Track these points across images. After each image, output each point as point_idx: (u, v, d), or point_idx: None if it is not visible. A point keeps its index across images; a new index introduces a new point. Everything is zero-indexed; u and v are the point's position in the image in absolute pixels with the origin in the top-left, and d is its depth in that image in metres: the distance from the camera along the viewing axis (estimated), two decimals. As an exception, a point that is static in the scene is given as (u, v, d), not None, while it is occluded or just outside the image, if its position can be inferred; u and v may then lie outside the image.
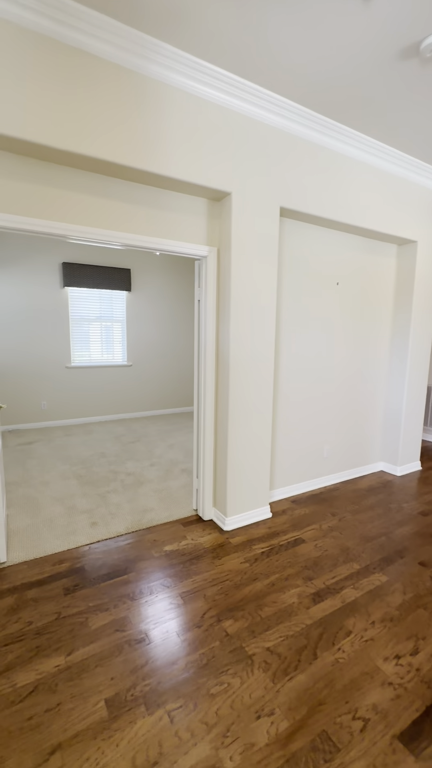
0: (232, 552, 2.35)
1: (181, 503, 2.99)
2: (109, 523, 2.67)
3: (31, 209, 1.92)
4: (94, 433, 4.97)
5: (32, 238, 4.88)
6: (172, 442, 4.62)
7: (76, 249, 5.19)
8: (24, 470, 3.63)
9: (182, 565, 2.21)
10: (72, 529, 2.58)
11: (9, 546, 2.36)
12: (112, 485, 3.32)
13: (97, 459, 3.98)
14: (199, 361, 2.66)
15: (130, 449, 4.34)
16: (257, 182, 2.39)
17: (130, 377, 5.83)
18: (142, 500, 3.04)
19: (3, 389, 4.95)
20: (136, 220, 2.21)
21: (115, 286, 5.46)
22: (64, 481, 3.39)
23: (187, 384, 6.37)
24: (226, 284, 2.45)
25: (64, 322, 5.23)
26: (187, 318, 6.23)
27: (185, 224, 2.37)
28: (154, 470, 3.69)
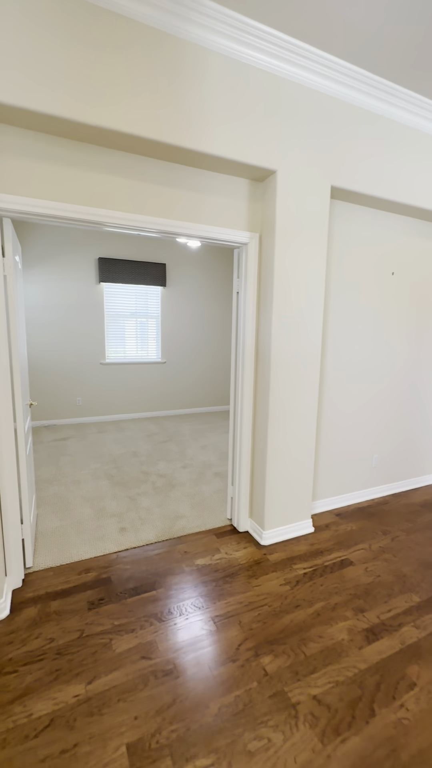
0: (270, 571, 2.12)
1: (214, 511, 2.80)
2: (139, 530, 2.52)
3: (61, 194, 1.78)
4: (126, 431, 4.90)
5: (70, 232, 4.87)
6: (205, 443, 4.44)
7: (112, 244, 5.13)
8: (57, 468, 3.59)
9: (215, 582, 2.01)
10: (100, 533, 2.46)
11: (36, 549, 2.27)
12: (142, 487, 3.19)
13: (129, 458, 3.88)
14: (237, 358, 2.44)
15: (162, 449, 4.21)
16: (306, 158, 2.12)
17: (163, 374, 5.72)
18: (173, 505, 2.87)
19: (41, 384, 4.99)
20: (172, 205, 2.02)
21: (150, 281, 5.36)
22: (95, 481, 3.30)
23: (221, 382, 6.18)
24: (268, 274, 2.21)
25: (99, 318, 5.20)
26: (223, 314, 6.02)
27: (224, 208, 2.15)
28: (186, 473, 3.52)
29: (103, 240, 5.06)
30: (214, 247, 5.75)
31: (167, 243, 5.43)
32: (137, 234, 2.03)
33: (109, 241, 5.10)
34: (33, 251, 4.72)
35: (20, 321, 2.17)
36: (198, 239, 2.15)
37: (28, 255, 4.70)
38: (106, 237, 5.07)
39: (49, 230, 4.76)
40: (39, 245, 4.74)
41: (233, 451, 2.57)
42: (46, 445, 4.25)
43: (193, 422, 5.42)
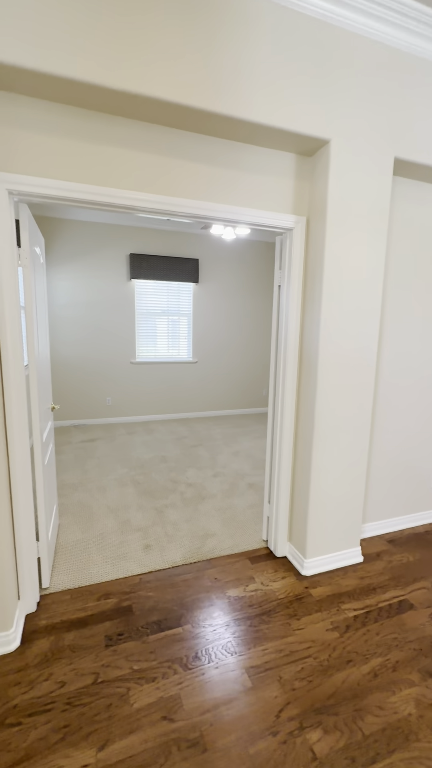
0: (314, 610, 1.81)
1: (247, 529, 2.52)
2: (165, 548, 2.29)
3: (80, 173, 1.56)
4: (155, 433, 4.72)
5: (101, 228, 4.74)
6: (238, 449, 4.17)
7: (144, 239, 4.95)
8: (83, 472, 3.45)
9: (250, 621, 1.74)
10: (123, 551, 2.25)
11: (55, 566, 2.10)
12: (170, 497, 2.97)
13: (157, 464, 3.68)
14: (277, 359, 2.15)
15: (192, 454, 3.98)
16: (366, 126, 1.79)
17: (194, 374, 5.50)
18: (203, 520, 2.62)
19: (71, 383, 4.91)
20: (206, 184, 1.75)
21: (182, 277, 5.14)
22: (121, 488, 3.11)
23: (255, 384, 5.87)
24: (316, 263, 1.90)
25: (129, 315, 5.05)
26: (258, 311, 5.71)
27: (266, 188, 1.86)
28: (217, 482, 3.27)
29: (134, 235, 4.90)
30: (250, 241, 5.45)
31: (200, 237, 5.19)
32: (167, 218, 1.79)
33: (140, 236, 4.93)
34: (63, 248, 4.63)
35: (41, 318, 2.00)
36: (235, 224, 1.88)
37: (59, 252, 4.62)
38: (137, 232, 4.91)
39: (79, 226, 4.66)
40: (70, 242, 4.64)
41: (271, 464, 2.28)
42: (75, 446, 4.14)
43: (224, 425, 5.16)
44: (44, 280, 2.18)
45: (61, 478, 3.29)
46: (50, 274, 4.63)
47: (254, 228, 1.93)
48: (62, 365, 4.85)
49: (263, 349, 5.84)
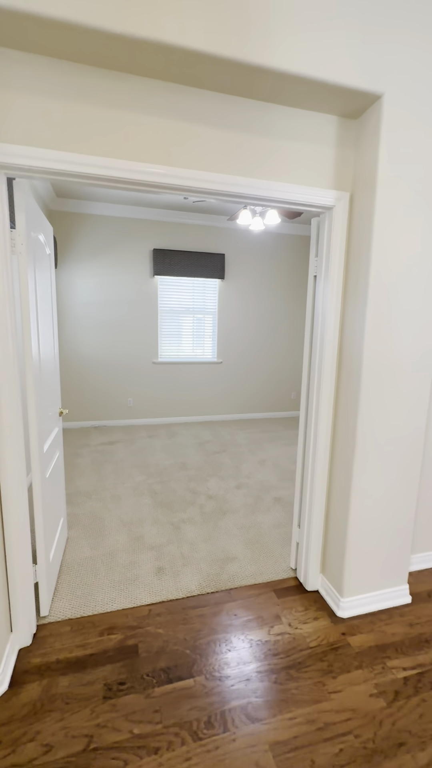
0: (353, 666, 1.50)
1: (273, 554, 2.23)
2: (179, 573, 2.04)
3: (82, 143, 1.33)
4: (177, 437, 4.50)
5: (124, 223, 4.57)
6: (264, 457, 3.87)
7: (168, 234, 4.74)
8: (98, 478, 3.27)
9: (275, 675, 1.45)
10: (133, 574, 2.02)
11: (57, 589, 1.90)
12: (188, 511, 2.72)
13: (177, 471, 3.45)
14: (312, 362, 1.84)
15: (215, 461, 3.71)
16: (429, 75, 1.46)
17: (219, 375, 5.24)
18: (223, 540, 2.35)
19: (92, 383, 4.78)
20: (229, 154, 1.48)
21: (207, 273, 4.89)
22: (136, 498, 2.90)
23: (283, 386, 5.54)
24: (362, 248, 1.58)
25: (152, 314, 4.86)
26: (288, 309, 5.37)
27: (300, 157, 1.57)
28: (240, 495, 2.99)
29: (157, 230, 4.70)
30: (280, 234, 5.12)
31: (226, 231, 4.92)
32: (184, 196, 1.53)
33: (164, 230, 4.72)
34: (85, 244, 4.49)
35: (45, 315, 1.79)
36: (264, 203, 1.59)
37: (80, 248, 4.49)
38: (160, 227, 4.70)
39: (101, 222, 4.50)
40: (91, 237, 4.50)
41: (302, 483, 1.98)
42: (93, 450, 3.98)
43: (249, 429, 4.86)
44: (50, 272, 1.98)
45: (75, 484, 3.12)
46: (71, 271, 4.51)
47: (288, 206, 1.64)
48: (83, 365, 4.72)
49: (293, 349, 5.50)
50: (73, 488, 3.04)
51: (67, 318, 4.59)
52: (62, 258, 4.46)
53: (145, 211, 4.54)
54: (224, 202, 1.58)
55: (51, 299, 1.99)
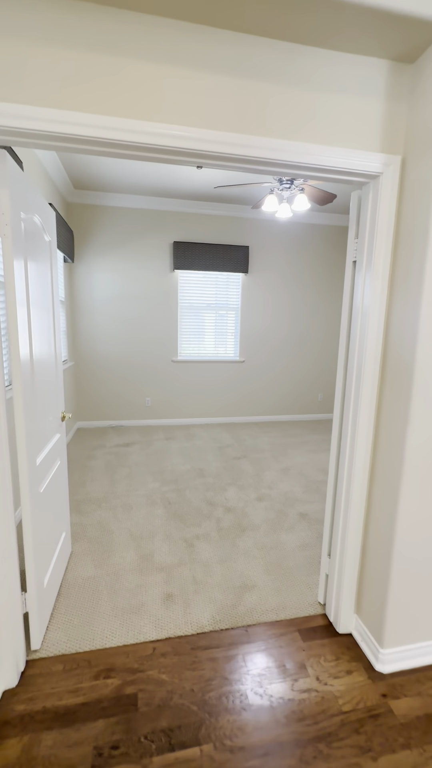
0: (398, 744, 1.21)
1: (298, 582, 1.95)
2: (190, 602, 1.80)
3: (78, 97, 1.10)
4: (195, 439, 4.27)
5: (144, 215, 4.36)
6: (288, 464, 3.57)
7: (189, 226, 4.50)
8: (111, 483, 3.08)
9: (300, 751, 1.18)
10: (139, 600, 1.80)
11: (54, 615, 1.70)
12: (204, 525, 2.47)
13: (193, 478, 3.21)
14: (349, 363, 1.55)
15: (234, 468, 3.46)
16: None
17: (241, 375, 4.96)
18: (242, 563, 2.09)
19: (110, 382, 4.63)
20: (248, 109, 1.21)
21: (230, 267, 4.62)
22: (149, 508, 2.69)
23: (309, 387, 5.20)
24: (417, 226, 1.27)
25: (172, 310, 4.64)
26: (316, 304, 5.01)
27: (339, 113, 1.27)
28: (261, 508, 2.72)
29: (178, 221, 4.47)
30: (309, 225, 4.77)
31: (251, 222, 4.62)
32: (197, 164, 1.27)
33: (184, 222, 4.48)
34: (102, 238, 4.32)
35: (40, 309, 1.59)
36: (293, 170, 1.31)
37: (98, 242, 4.32)
38: (181, 218, 4.47)
39: (119, 214, 4.31)
40: (109, 231, 4.32)
41: (334, 504, 1.69)
42: (107, 452, 3.82)
43: (273, 433, 4.57)
44: (52, 262, 1.77)
45: (86, 490, 2.95)
46: (89, 266, 4.35)
47: (321, 177, 1.35)
48: (100, 363, 4.57)
49: (321, 348, 5.14)
50: (83, 494, 2.87)
51: (84, 314, 4.44)
52: (80, 252, 4.31)
53: (165, 201, 4.32)
54: (240, 169, 1.31)
55: (52, 292, 1.79)
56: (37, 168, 2.97)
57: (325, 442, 4.29)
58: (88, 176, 3.69)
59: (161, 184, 3.83)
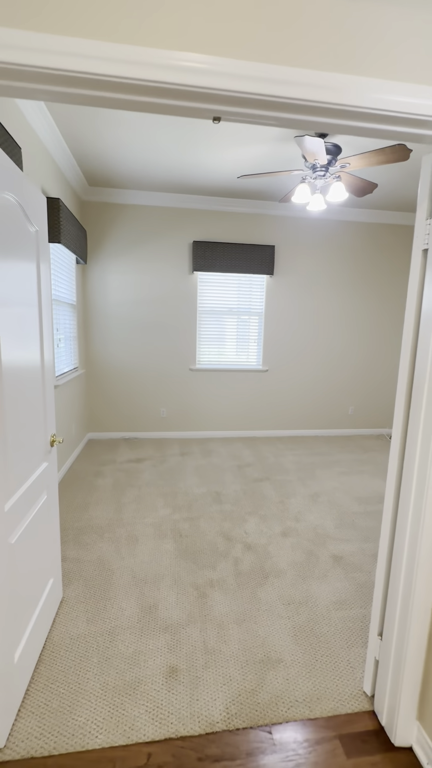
0: None
1: (334, 657, 1.54)
2: (198, 682, 1.43)
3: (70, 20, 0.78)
4: (213, 456, 3.91)
5: (163, 213, 4.07)
6: (317, 490, 3.15)
7: (209, 224, 4.17)
8: (117, 508, 2.76)
9: None
10: (135, 676, 1.44)
11: (29, 691, 1.37)
12: (219, 568, 2.10)
13: (209, 504, 2.85)
14: (414, 378, 1.16)
15: (255, 492, 3.07)
16: None
17: (264, 385, 4.58)
18: (264, 624, 1.71)
19: (123, 391, 4.34)
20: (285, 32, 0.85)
21: (253, 268, 4.26)
22: (157, 542, 2.34)
23: (340, 399, 4.75)
24: None
25: (191, 314, 4.32)
26: (349, 309, 4.57)
27: (407, 32, 0.90)
28: (287, 547, 2.32)
29: (198, 219, 4.15)
30: (344, 222, 4.35)
31: (277, 219, 4.25)
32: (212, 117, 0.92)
33: (205, 219, 4.16)
34: (118, 237, 4.06)
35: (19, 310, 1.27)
36: (346, 120, 0.94)
37: (113, 242, 4.06)
38: (201, 216, 4.15)
39: (136, 212, 4.04)
40: (125, 230, 4.05)
41: (389, 565, 1.29)
42: (117, 468, 3.51)
43: (298, 450, 4.15)
44: (37, 257, 1.47)
45: (89, 515, 2.64)
46: (103, 267, 4.10)
47: (383, 128, 0.97)
48: (113, 371, 4.30)
49: (352, 356, 4.69)
50: (85, 520, 2.56)
51: (97, 318, 4.18)
52: (94, 253, 4.06)
53: (184, 198, 4.02)
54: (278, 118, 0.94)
55: (39, 291, 1.49)
56: (46, 162, 2.72)
57: (357, 462, 3.83)
58: (102, 171, 3.43)
59: (180, 178, 3.53)
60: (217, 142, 2.78)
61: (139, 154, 3.04)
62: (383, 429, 4.90)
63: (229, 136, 2.67)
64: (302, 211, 4.26)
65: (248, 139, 2.73)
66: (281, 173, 2.64)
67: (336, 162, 2.60)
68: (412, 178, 3.33)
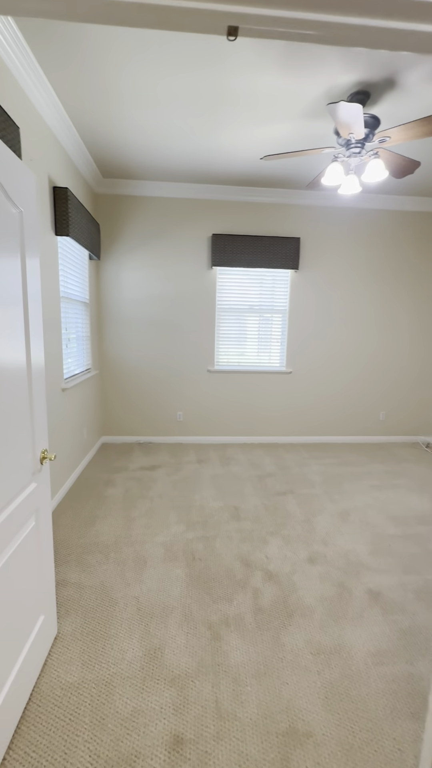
0: None
1: (376, 732, 1.25)
2: (208, 758, 1.17)
3: None
4: (231, 464, 3.64)
5: (180, 204, 3.83)
6: (346, 507, 2.83)
7: (229, 216, 3.90)
8: (126, 523, 2.54)
9: None
10: (131, 748, 1.20)
11: (5, 763, 1.15)
12: (236, 601, 1.83)
13: (226, 522, 2.58)
14: None
15: (278, 508, 2.78)
16: None
17: (287, 388, 4.27)
18: (289, 681, 1.43)
19: (138, 393, 4.14)
20: None
21: (276, 263, 3.96)
22: (167, 565, 2.10)
23: (370, 404, 4.37)
24: None
25: (209, 312, 4.06)
26: (381, 306, 4.20)
27: None
28: (314, 577, 2.02)
29: (217, 211, 3.89)
30: (377, 211, 3.97)
31: (302, 210, 3.93)
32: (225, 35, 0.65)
33: (225, 211, 3.89)
34: (133, 232, 3.84)
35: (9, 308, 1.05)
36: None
37: (128, 237, 3.85)
38: (221, 207, 3.88)
39: (153, 204, 3.81)
40: (140, 224, 3.83)
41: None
42: (129, 476, 3.30)
43: (324, 459, 3.82)
44: (19, 243, 1.24)
45: (95, 530, 2.43)
46: (118, 263, 3.89)
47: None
48: (128, 372, 4.10)
49: (386, 358, 4.31)
50: (91, 536, 2.35)
51: (111, 317, 3.99)
52: (108, 249, 3.87)
53: (202, 188, 3.76)
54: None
55: (24, 284, 1.26)
56: (53, 148, 2.52)
57: (391, 475, 3.47)
58: (116, 161, 3.22)
59: (197, 165, 3.27)
60: (237, 120, 2.51)
61: (153, 137, 2.80)
62: (418, 437, 4.49)
63: (248, 111, 2.39)
64: (331, 200, 3.91)
65: (271, 117, 2.44)
66: (310, 151, 2.33)
67: (374, 137, 2.27)
68: (458, 156, 2.94)
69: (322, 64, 1.95)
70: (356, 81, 2.09)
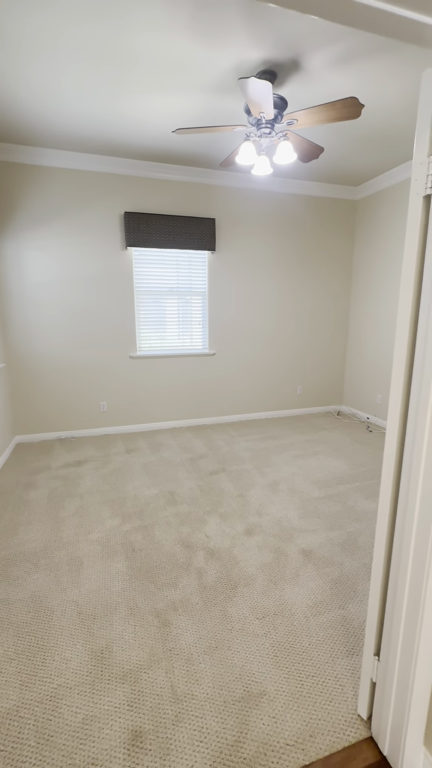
0: None
1: (321, 676, 1.37)
2: (169, 744, 1.16)
3: None
4: (162, 450, 3.59)
5: (87, 178, 3.51)
6: (275, 478, 3.00)
7: (142, 193, 3.71)
8: (55, 524, 2.35)
9: None
10: (88, 755, 1.13)
11: None
12: (181, 584, 1.84)
13: (163, 508, 2.55)
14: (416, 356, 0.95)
15: (212, 488, 2.83)
16: None
17: (211, 370, 4.32)
18: (239, 649, 1.48)
19: (55, 386, 3.80)
20: None
21: (194, 244, 3.91)
22: (106, 562, 2.00)
23: (288, 379, 4.66)
24: None
25: (127, 296, 3.87)
26: (296, 285, 4.44)
27: None
28: (253, 547, 2.12)
29: (130, 187, 3.67)
30: (293, 195, 4.13)
31: (218, 189, 3.92)
32: None
33: (137, 188, 3.69)
34: (35, 207, 3.44)
35: None
36: None
37: (30, 213, 3.44)
38: (133, 184, 3.67)
39: (56, 177, 3.44)
40: (43, 198, 3.44)
41: (386, 570, 1.11)
42: (53, 475, 3.05)
43: (251, 435, 3.99)
44: None
45: (19, 539, 2.20)
46: (17, 242, 3.46)
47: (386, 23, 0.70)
48: (41, 363, 3.73)
49: (300, 335, 4.60)
50: (13, 547, 2.12)
51: (14, 303, 3.56)
52: (4, 224, 3.40)
53: (113, 162, 3.50)
54: None
55: None
56: None
57: (311, 443, 3.77)
58: (6, 119, 2.80)
59: (102, 135, 3.02)
60: (143, 86, 2.35)
61: (45, 96, 2.49)
62: (330, 406, 4.94)
63: (156, 76, 2.26)
64: (245, 182, 3.96)
65: (181, 86, 2.34)
66: (223, 128, 2.31)
67: (282, 118, 2.33)
68: (359, 144, 3.18)
69: (230, 37, 1.91)
70: (264, 59, 2.10)
